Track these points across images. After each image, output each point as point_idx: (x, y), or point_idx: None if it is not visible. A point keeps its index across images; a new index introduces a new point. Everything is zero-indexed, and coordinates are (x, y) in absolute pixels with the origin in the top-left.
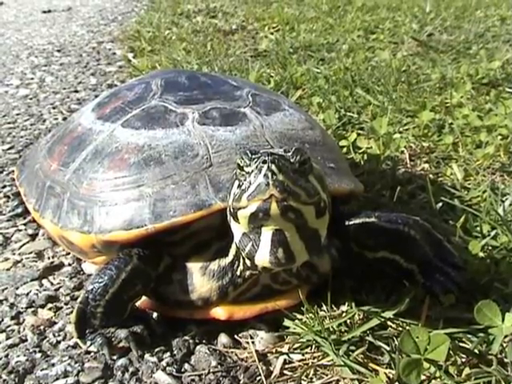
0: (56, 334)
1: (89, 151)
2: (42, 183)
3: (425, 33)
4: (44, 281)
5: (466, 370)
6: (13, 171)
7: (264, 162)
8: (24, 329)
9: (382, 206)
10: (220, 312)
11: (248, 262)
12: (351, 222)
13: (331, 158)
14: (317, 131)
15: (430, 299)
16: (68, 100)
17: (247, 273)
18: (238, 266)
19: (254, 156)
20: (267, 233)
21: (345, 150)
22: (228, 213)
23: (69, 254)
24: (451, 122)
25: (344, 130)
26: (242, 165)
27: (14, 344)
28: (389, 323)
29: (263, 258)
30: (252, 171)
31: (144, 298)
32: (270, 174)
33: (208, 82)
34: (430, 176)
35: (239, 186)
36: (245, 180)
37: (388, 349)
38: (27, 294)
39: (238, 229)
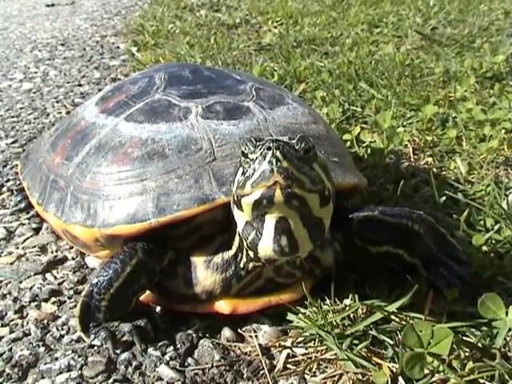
0: (59, 328)
1: (92, 145)
2: (46, 177)
3: (429, 26)
4: (47, 275)
5: (470, 364)
6: (16, 165)
7: (269, 148)
8: (27, 323)
9: (385, 200)
10: (223, 306)
11: (251, 254)
12: (354, 217)
13: (335, 152)
14: (320, 125)
15: (434, 293)
16: (71, 94)
17: (250, 265)
18: (241, 259)
19: (258, 143)
20: (271, 220)
21: (348, 143)
22: (232, 201)
23: (72, 248)
24: (455, 116)
25: (347, 123)
26: (246, 152)
27: (18, 338)
28: (392, 317)
29: (266, 246)
30: (256, 158)
31: (148, 292)
32: (274, 161)
33: (211, 76)
34: (434, 170)
35: (243, 173)
36: (249, 167)
37: (391, 343)
38: (31, 287)
39: (242, 217)
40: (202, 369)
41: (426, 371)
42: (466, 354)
